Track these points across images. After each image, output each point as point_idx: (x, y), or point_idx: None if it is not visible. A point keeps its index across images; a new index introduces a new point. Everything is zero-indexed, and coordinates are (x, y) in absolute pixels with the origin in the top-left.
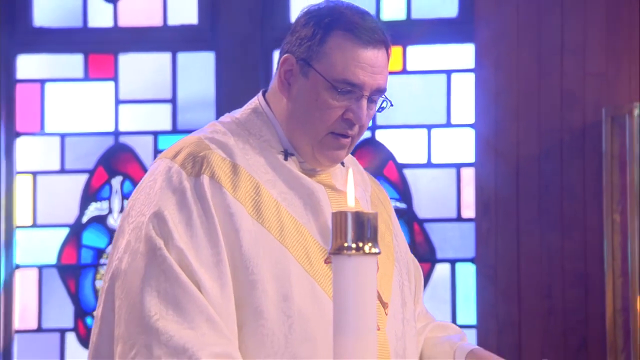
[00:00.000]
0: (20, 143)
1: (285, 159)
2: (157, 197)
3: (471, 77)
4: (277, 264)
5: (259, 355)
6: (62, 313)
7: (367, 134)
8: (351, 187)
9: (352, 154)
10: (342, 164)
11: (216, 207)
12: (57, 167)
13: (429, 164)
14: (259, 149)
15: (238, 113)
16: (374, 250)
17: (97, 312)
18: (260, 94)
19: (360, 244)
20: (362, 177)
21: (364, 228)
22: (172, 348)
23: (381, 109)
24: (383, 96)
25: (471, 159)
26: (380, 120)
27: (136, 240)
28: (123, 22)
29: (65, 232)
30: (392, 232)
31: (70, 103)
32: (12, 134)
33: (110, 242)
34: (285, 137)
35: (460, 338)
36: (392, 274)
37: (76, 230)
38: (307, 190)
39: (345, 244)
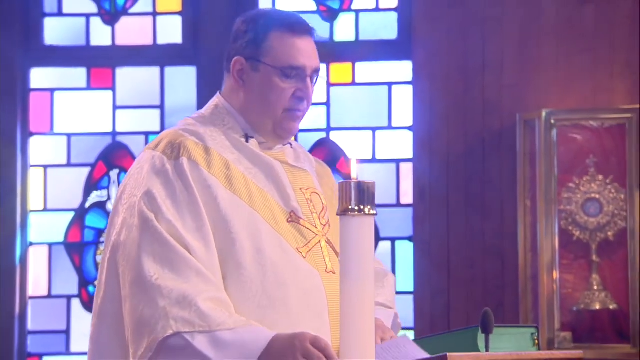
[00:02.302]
0: (33, 141)
1: (247, 141)
2: (145, 180)
3: (409, 88)
4: (250, 224)
5: (241, 299)
6: (68, 282)
7: (322, 135)
8: (354, 164)
9: (311, 151)
10: (291, 145)
11: (195, 182)
12: (64, 161)
13: (373, 160)
14: (224, 135)
15: (202, 110)
16: (372, 211)
17: (101, 279)
18: (218, 94)
19: (362, 207)
20: (308, 157)
21: (364, 194)
22: (173, 299)
23: (315, 82)
24: (317, 75)
25: (409, 155)
26: (334, 124)
27: (131, 217)
28: (119, 41)
29: (71, 215)
30: (336, 197)
31: (75, 108)
32: (27, 134)
33: None
34: (244, 124)
35: (384, 302)
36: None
37: (80, 213)
38: (267, 165)
39: (350, 207)
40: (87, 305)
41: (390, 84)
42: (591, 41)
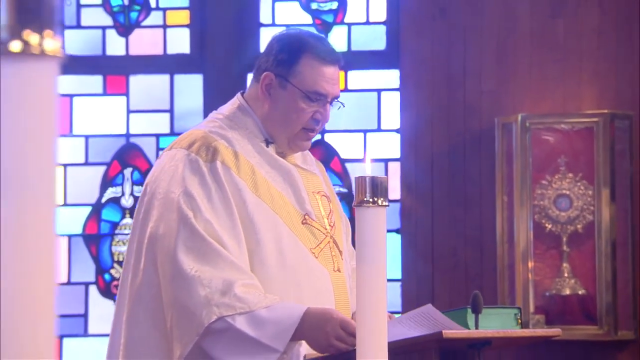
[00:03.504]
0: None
1: (267, 146)
2: (183, 179)
3: (396, 94)
4: (272, 226)
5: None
6: (86, 270)
7: (318, 137)
8: (368, 162)
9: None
10: None
11: (228, 185)
12: (82, 160)
13: (364, 159)
14: (247, 138)
15: (225, 110)
16: (384, 203)
17: (137, 266)
18: (239, 94)
19: (375, 199)
20: (311, 158)
21: (378, 188)
22: (213, 287)
23: (334, 107)
24: (337, 100)
25: (397, 155)
26: (328, 126)
27: (169, 212)
28: (133, 51)
29: (88, 209)
30: (334, 195)
31: (92, 112)
32: None
33: (122, 218)
34: (263, 129)
35: None
36: (341, 226)
37: (97, 208)
38: (285, 169)
39: (365, 199)
40: (103, 291)
41: (379, 91)
42: (562, 52)
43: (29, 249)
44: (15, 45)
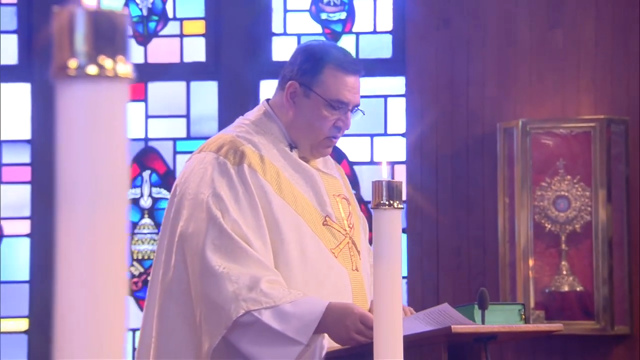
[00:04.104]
0: None
1: (291, 151)
2: (212, 181)
3: (402, 100)
4: (296, 227)
5: None
6: None
7: None
8: (385, 166)
9: None
10: None
11: (254, 187)
12: None
13: (371, 162)
14: (272, 143)
15: (251, 116)
16: (400, 205)
17: (170, 262)
18: (265, 101)
19: (391, 202)
20: (330, 161)
21: (393, 191)
22: (241, 283)
23: (355, 115)
24: (357, 108)
25: (403, 158)
26: None
27: (199, 212)
28: (151, 59)
29: None
30: (353, 197)
31: None
32: None
33: (141, 218)
34: (287, 135)
35: None
36: (359, 227)
37: None
38: (308, 173)
39: (382, 202)
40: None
41: (386, 97)
42: (560, 61)
43: (104, 264)
44: (92, 69)
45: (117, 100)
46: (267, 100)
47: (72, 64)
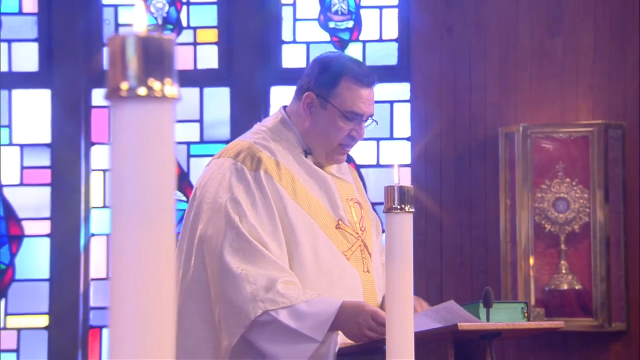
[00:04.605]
0: (94, 150)
1: (306, 156)
2: (230, 186)
3: (407, 105)
4: (309, 230)
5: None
6: None
7: None
8: (396, 171)
9: None
10: None
11: (270, 192)
12: None
13: (377, 165)
14: (287, 149)
15: (269, 123)
16: (411, 209)
17: (190, 263)
18: (282, 108)
19: (402, 206)
20: (345, 166)
21: (405, 196)
22: (258, 284)
23: (368, 124)
24: (371, 118)
25: (408, 161)
26: None
27: (217, 216)
28: None
29: None
30: (366, 201)
31: None
32: (89, 144)
33: None
34: (302, 141)
35: None
36: (371, 229)
37: None
38: (322, 178)
39: (393, 206)
40: None
41: (391, 102)
42: (559, 68)
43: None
44: (142, 90)
45: (165, 118)
46: (284, 107)
47: (124, 86)
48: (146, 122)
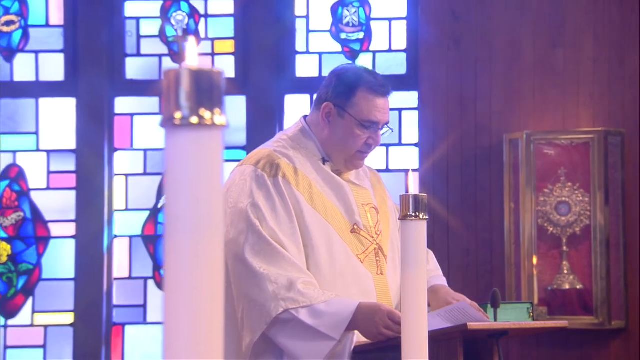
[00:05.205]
0: (117, 155)
1: (324, 164)
2: (251, 191)
3: (415, 113)
4: (325, 234)
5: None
6: (145, 267)
7: None
8: (412, 179)
9: None
10: None
11: (289, 197)
12: (141, 171)
13: (387, 170)
14: (306, 157)
15: (289, 132)
16: (425, 217)
17: None
18: (302, 118)
19: (417, 213)
20: (364, 171)
21: (419, 204)
22: (280, 284)
23: (384, 131)
24: (387, 125)
25: (416, 166)
26: None
27: (239, 220)
28: None
29: (147, 213)
30: (387, 204)
31: (150, 129)
32: (112, 149)
33: None
34: (322, 149)
35: (434, 270)
36: (389, 233)
37: (154, 212)
38: (338, 185)
39: (409, 213)
40: (159, 285)
41: (400, 110)
42: (561, 77)
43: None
44: (194, 119)
45: (214, 144)
46: (305, 117)
47: (178, 115)
48: (198, 148)
